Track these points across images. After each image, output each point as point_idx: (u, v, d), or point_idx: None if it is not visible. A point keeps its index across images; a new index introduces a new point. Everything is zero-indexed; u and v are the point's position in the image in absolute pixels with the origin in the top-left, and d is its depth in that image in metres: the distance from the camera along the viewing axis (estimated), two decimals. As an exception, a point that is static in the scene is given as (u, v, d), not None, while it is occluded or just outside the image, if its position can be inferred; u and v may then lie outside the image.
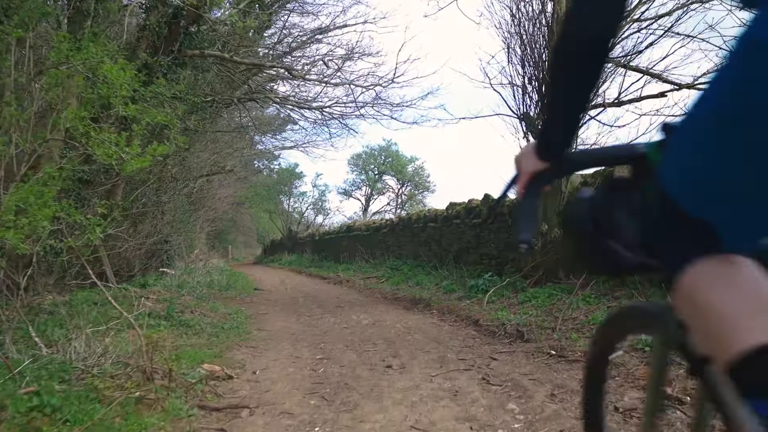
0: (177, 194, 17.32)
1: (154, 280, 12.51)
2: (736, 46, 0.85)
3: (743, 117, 0.83)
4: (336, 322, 7.40)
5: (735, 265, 0.93)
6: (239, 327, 6.70)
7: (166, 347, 4.54)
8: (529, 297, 7.22)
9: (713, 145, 0.89)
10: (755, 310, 0.85)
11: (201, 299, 8.48)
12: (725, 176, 0.87)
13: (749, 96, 0.81)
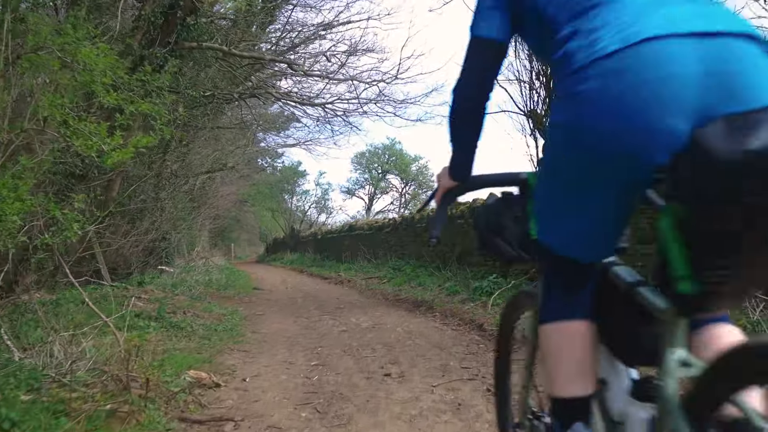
0: (177, 191, 17.09)
1: (151, 278, 12.30)
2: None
3: (554, 170, 1.26)
4: (334, 324, 7.12)
5: (576, 334, 1.32)
6: (233, 329, 6.42)
7: (149, 352, 4.26)
8: (536, 300, 6.94)
9: (543, 192, 1.35)
10: (572, 367, 1.28)
11: (196, 299, 8.21)
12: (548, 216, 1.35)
13: (555, 159, 1.25)
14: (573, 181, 1.23)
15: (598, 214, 1.27)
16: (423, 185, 38.33)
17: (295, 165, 38.02)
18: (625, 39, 1.06)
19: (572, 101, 1.14)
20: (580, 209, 1.26)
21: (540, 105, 8.41)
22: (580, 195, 1.24)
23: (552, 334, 1.36)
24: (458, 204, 12.07)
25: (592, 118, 1.11)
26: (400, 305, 8.89)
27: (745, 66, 1.03)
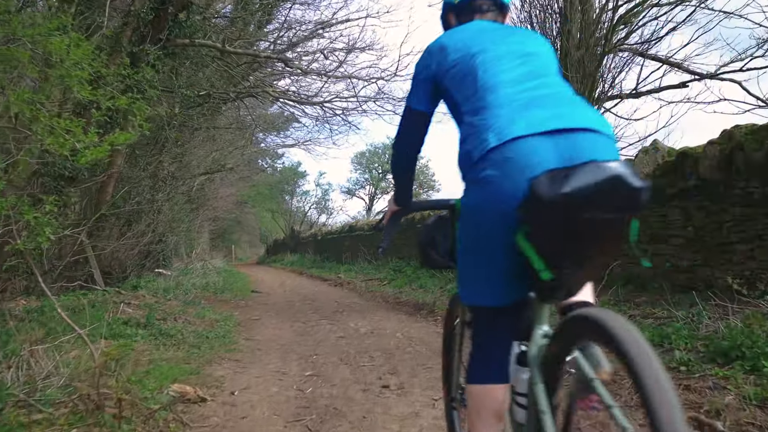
0: (174, 192, 16.83)
1: (146, 282, 12.04)
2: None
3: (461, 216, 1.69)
4: (332, 330, 6.84)
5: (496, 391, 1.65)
6: (225, 336, 6.15)
7: (133, 363, 3.99)
8: (542, 303, 6.65)
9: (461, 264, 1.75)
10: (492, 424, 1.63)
11: (189, 304, 7.94)
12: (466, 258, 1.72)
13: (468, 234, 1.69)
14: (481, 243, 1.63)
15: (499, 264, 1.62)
16: (424, 185, 38.04)
17: (294, 166, 37.79)
18: (502, 138, 1.54)
19: (476, 189, 1.61)
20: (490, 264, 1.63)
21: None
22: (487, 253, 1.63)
23: (478, 393, 1.68)
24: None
25: (492, 195, 1.56)
26: (401, 308, 8.61)
27: (582, 147, 1.51)
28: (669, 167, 6.40)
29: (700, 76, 8.13)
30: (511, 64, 1.72)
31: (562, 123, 1.54)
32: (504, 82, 1.68)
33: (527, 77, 1.70)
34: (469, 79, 1.73)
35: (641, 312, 5.43)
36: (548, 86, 1.69)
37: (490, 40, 1.80)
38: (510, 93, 1.64)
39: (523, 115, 1.56)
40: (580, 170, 1.39)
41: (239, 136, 20.90)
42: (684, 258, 6.12)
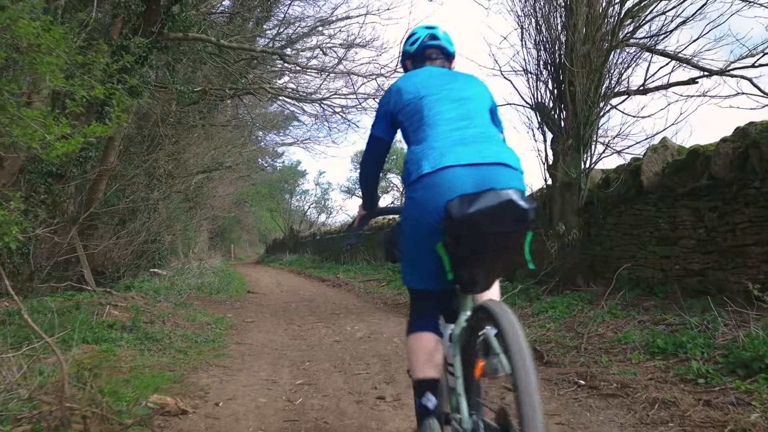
0: (171, 191, 16.59)
1: (140, 282, 11.80)
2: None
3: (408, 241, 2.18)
4: (327, 333, 6.58)
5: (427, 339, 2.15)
6: (215, 340, 5.89)
7: (112, 370, 3.73)
8: (546, 307, 6.38)
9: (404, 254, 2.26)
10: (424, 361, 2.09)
11: (180, 306, 7.67)
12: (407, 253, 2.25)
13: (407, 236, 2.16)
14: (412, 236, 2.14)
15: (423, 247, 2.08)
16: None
17: (294, 164, 37.46)
18: (434, 166, 1.99)
19: (412, 202, 2.07)
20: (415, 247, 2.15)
21: (548, 97, 7.85)
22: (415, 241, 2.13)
23: (415, 339, 2.19)
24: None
25: (422, 205, 2.02)
26: (399, 311, 8.34)
27: (492, 177, 1.96)
28: (679, 166, 6.14)
29: (709, 73, 7.86)
30: (449, 107, 2.20)
31: (479, 158, 2.01)
32: (442, 120, 2.15)
33: (460, 118, 2.16)
34: (417, 116, 2.22)
35: (651, 317, 5.16)
36: (476, 127, 2.15)
37: (435, 85, 2.29)
38: (445, 130, 2.12)
39: (452, 150, 2.04)
40: (482, 196, 1.90)
41: (238, 134, 20.66)
42: (695, 261, 5.85)
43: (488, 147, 2.06)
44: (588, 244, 7.37)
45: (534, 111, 8.05)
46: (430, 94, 2.24)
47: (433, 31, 2.61)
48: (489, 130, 2.18)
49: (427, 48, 2.57)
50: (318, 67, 11.36)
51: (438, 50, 2.58)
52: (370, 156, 2.48)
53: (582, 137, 7.24)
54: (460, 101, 2.23)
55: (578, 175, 7.28)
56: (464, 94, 2.27)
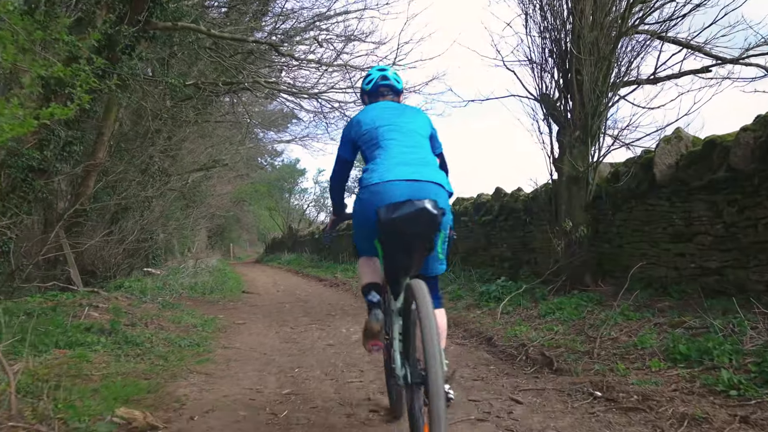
0: (166, 189, 16.23)
1: (131, 282, 11.45)
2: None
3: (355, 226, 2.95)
4: (321, 336, 6.21)
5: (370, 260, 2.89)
6: (201, 344, 5.51)
7: (68, 383, 3.36)
8: (552, 308, 6.01)
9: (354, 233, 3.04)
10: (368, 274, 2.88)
11: (167, 306, 7.30)
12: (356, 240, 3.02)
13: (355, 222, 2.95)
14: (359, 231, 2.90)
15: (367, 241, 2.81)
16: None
17: (292, 162, 37.07)
18: (381, 179, 2.65)
19: (359, 201, 2.75)
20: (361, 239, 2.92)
21: (553, 87, 7.48)
22: (361, 235, 2.89)
23: (361, 261, 2.99)
24: (463, 201, 11.16)
25: (364, 207, 2.70)
26: (398, 312, 7.98)
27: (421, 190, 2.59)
28: (694, 157, 5.76)
29: (722, 61, 7.49)
30: (397, 135, 2.85)
31: (415, 176, 2.65)
32: (391, 146, 2.80)
33: (405, 145, 2.81)
34: (373, 141, 2.87)
35: (668, 320, 4.79)
36: (416, 153, 2.80)
37: (387, 118, 2.95)
38: (393, 153, 2.76)
39: (395, 169, 2.68)
40: (403, 205, 2.52)
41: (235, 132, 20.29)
42: (712, 259, 5.47)
43: (424, 169, 2.74)
44: (596, 242, 7.00)
45: (539, 102, 7.67)
46: (382, 125, 2.93)
47: (385, 72, 3.31)
48: (427, 156, 2.87)
49: (380, 86, 3.25)
50: (314, 60, 10.96)
51: (388, 88, 3.26)
52: (337, 173, 3.21)
53: (590, 129, 6.86)
54: (406, 132, 2.91)
55: (586, 168, 6.90)
56: (410, 127, 2.95)
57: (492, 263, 9.62)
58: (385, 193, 2.61)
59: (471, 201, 10.81)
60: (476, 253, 10.18)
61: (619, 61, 7.01)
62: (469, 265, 10.11)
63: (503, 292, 7.24)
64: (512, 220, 9.11)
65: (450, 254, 2.95)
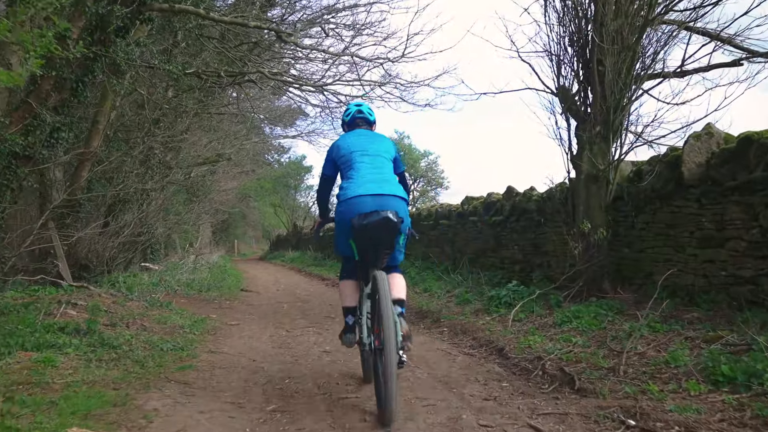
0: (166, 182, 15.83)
1: (126, 278, 11.05)
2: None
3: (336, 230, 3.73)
4: (317, 342, 5.75)
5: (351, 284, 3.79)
6: (185, 348, 5.06)
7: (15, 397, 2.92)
8: (569, 316, 5.53)
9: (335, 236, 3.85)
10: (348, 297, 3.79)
11: (154, 305, 6.85)
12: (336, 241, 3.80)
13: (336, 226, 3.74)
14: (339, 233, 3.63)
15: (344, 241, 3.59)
16: (432, 182, 36.75)
17: (299, 159, 36.58)
18: (354, 194, 3.47)
19: (338, 212, 3.56)
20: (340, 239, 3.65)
21: (572, 79, 6.99)
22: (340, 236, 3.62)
23: (342, 284, 3.81)
24: (472, 200, 10.68)
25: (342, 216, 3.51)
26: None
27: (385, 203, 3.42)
28: (727, 156, 5.27)
29: (754, 55, 6.99)
30: (368, 159, 3.67)
31: (379, 191, 3.47)
32: (362, 167, 3.62)
33: (372, 166, 3.63)
34: (348, 163, 3.69)
35: (701, 334, 4.30)
36: (381, 174, 3.61)
37: (360, 144, 3.76)
38: (363, 173, 3.58)
39: (365, 186, 3.50)
40: (371, 215, 3.35)
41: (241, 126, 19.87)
42: (746, 266, 4.98)
43: (386, 185, 3.53)
44: (615, 245, 6.51)
45: (556, 96, 7.19)
46: (356, 150, 3.70)
47: (360, 107, 4.12)
48: (390, 176, 3.65)
49: (356, 118, 4.06)
50: (320, 49, 10.50)
51: (362, 119, 4.06)
52: (322, 187, 4.07)
53: (611, 124, 6.37)
54: (374, 155, 3.69)
55: (606, 166, 6.42)
56: (377, 151, 3.72)
57: (502, 266, 9.14)
58: (357, 205, 3.45)
59: (480, 201, 10.33)
60: (485, 255, 9.70)
61: (644, 51, 6.52)
62: (478, 268, 9.63)
63: (515, 297, 6.76)
64: (524, 220, 8.62)
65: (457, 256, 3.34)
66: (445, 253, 11.27)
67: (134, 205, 12.98)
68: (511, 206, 9.02)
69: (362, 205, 3.41)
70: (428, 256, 11.81)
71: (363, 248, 3.53)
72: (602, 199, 6.47)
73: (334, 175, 3.90)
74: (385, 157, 3.71)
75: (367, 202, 3.41)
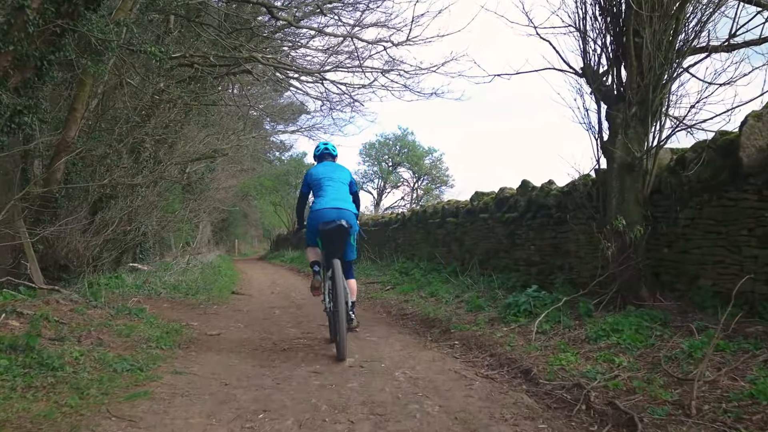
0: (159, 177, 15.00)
1: (109, 280, 10.23)
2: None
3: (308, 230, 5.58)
4: (306, 358, 4.89)
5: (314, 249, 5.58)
6: (145, 368, 4.18)
7: None
8: (606, 329, 4.64)
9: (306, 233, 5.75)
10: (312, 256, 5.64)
11: (122, 313, 5.97)
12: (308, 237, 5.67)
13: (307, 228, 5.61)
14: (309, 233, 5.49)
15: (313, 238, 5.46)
16: (437, 180, 35.76)
17: (299, 156, 35.65)
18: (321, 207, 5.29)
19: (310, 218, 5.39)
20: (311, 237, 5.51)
21: (599, 57, 6.11)
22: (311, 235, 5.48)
23: (308, 249, 5.70)
24: (482, 196, 9.79)
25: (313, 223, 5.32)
26: (406, 325, 6.64)
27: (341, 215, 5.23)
28: (798, 138, 4.39)
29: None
30: (330, 183, 5.40)
31: (337, 206, 5.23)
32: (327, 189, 5.36)
33: (334, 189, 5.37)
34: (318, 186, 5.43)
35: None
36: (340, 194, 5.36)
37: (326, 173, 5.50)
38: (328, 193, 5.33)
39: (329, 202, 5.25)
40: (331, 222, 5.13)
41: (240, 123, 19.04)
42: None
43: (342, 203, 5.28)
44: (653, 245, 5.63)
45: (581, 76, 6.31)
46: (323, 177, 5.45)
47: (327, 145, 5.91)
48: (346, 196, 5.41)
49: (324, 154, 5.85)
50: (315, 29, 9.63)
51: (328, 154, 5.85)
52: (300, 202, 5.92)
53: (650, 104, 5.49)
54: (336, 181, 5.44)
55: (644, 153, 5.54)
56: (338, 179, 5.48)
57: (516, 268, 8.25)
58: (322, 216, 5.19)
59: (491, 196, 9.45)
60: (497, 256, 8.81)
61: (688, 21, 5.63)
62: (489, 269, 8.75)
63: (535, 304, 5.88)
64: (542, 217, 7.73)
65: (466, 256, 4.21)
66: (453, 254, 10.39)
67: (121, 201, 12.12)
68: (526, 201, 8.13)
69: (326, 216, 5.19)
70: (434, 256, 10.92)
71: (326, 244, 5.27)
72: (638, 191, 5.59)
73: (308, 193, 5.68)
74: (343, 182, 5.53)
75: (329, 214, 5.19)
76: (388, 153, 35.81)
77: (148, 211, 13.78)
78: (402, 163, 35.89)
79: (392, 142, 35.42)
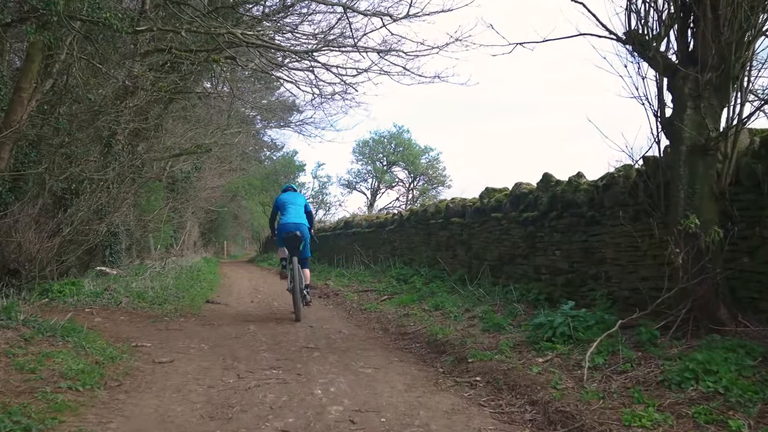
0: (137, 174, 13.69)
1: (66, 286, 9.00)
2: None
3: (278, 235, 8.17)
4: (277, 400, 3.57)
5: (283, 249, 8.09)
6: (34, 429, 2.86)
7: None
8: (693, 368, 3.35)
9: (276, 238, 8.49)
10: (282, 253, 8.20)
11: (41, 332, 4.59)
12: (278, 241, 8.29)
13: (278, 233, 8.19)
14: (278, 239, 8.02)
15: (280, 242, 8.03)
16: (433, 180, 34.34)
17: (290, 155, 34.26)
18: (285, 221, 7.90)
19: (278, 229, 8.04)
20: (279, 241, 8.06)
21: (652, 21, 4.85)
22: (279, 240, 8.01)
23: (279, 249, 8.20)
24: (494, 193, 8.51)
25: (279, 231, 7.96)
26: (408, 348, 5.35)
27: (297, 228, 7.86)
28: None
29: None
30: (291, 206, 8.00)
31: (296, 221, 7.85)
32: (289, 209, 7.97)
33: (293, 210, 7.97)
34: (283, 208, 8.06)
35: None
36: (297, 213, 7.97)
37: (290, 199, 8.13)
38: (290, 212, 7.94)
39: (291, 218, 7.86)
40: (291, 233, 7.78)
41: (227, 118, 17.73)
42: None
43: (299, 219, 7.87)
44: (731, 252, 4.35)
45: (624, 43, 5.04)
46: (287, 202, 8.03)
47: (290, 185, 8.97)
48: (301, 214, 7.97)
49: (287, 188, 8.64)
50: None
51: (290, 188, 8.62)
52: (272, 217, 8.71)
53: (732, 68, 4.22)
54: (295, 205, 7.99)
55: (722, 132, 4.27)
56: (297, 203, 8.04)
57: (537, 277, 6.96)
58: (286, 228, 7.73)
59: (505, 193, 8.17)
60: (513, 262, 7.53)
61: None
62: (503, 278, 7.49)
63: (575, 326, 4.59)
64: (569, 217, 6.44)
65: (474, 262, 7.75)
66: (459, 259, 9.10)
67: (87, 197, 10.78)
68: (549, 198, 6.84)
69: (288, 228, 7.73)
70: (437, 261, 9.62)
71: (288, 246, 7.80)
72: (715, 181, 4.32)
73: (276, 212, 8.32)
74: (300, 205, 8.02)
75: (290, 227, 7.72)
76: (382, 151, 34.39)
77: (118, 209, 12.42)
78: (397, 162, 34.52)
79: (387, 140, 34.04)
